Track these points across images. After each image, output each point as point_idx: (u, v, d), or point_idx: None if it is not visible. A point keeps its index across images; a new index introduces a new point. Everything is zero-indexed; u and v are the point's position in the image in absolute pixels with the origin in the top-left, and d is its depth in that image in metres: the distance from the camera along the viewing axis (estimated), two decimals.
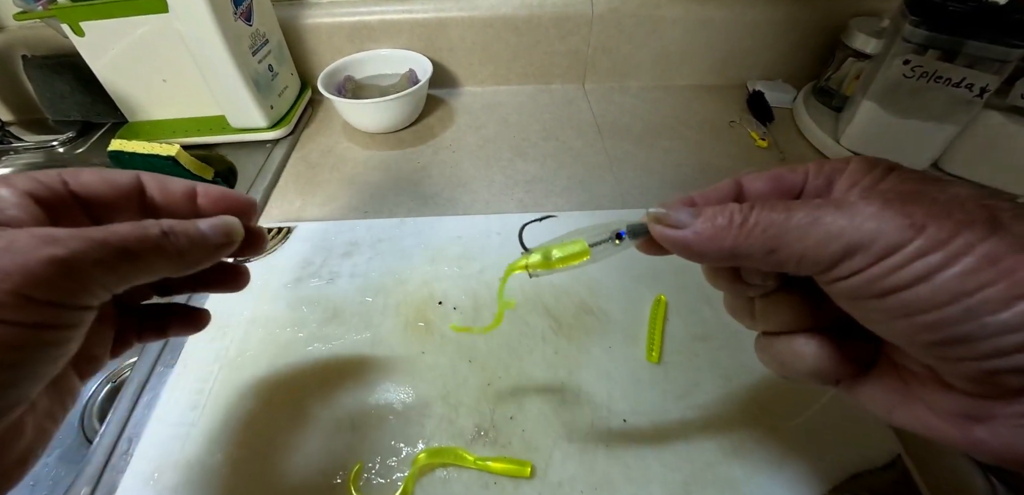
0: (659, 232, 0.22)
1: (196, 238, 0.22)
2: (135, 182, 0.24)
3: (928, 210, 0.17)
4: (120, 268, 0.20)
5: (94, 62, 0.64)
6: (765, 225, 0.19)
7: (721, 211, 0.20)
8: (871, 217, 0.17)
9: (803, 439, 0.36)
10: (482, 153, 0.65)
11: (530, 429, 0.36)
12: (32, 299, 0.17)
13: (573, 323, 0.43)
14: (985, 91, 0.52)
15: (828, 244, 0.18)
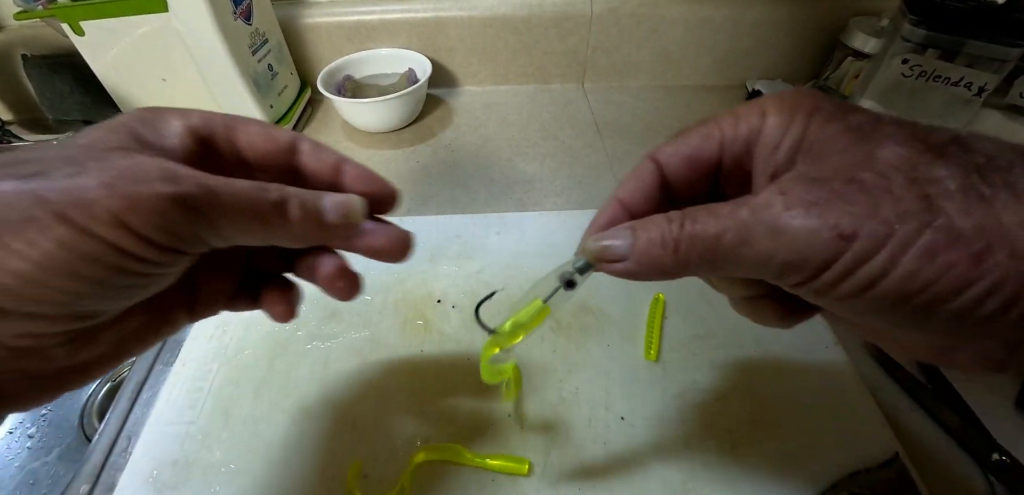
0: (605, 270, 0.21)
1: (311, 211, 0.21)
2: (292, 142, 0.24)
3: (855, 208, 0.15)
4: (222, 227, 0.19)
5: (94, 62, 0.64)
6: (700, 249, 0.18)
7: (654, 232, 0.19)
8: (797, 234, 0.16)
9: (802, 437, 0.36)
10: (481, 153, 0.65)
11: (528, 427, 0.36)
12: (127, 227, 0.16)
13: (572, 322, 0.43)
14: (984, 90, 0.52)
15: (764, 264, 0.17)
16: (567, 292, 0.23)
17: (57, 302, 0.17)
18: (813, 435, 0.36)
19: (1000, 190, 0.15)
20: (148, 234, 0.17)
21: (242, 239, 0.20)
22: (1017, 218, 0.14)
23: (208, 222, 0.18)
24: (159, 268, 0.18)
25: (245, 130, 0.23)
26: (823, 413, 0.37)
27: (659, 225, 0.19)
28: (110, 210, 0.16)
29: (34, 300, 0.16)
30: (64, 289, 0.16)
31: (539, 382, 0.39)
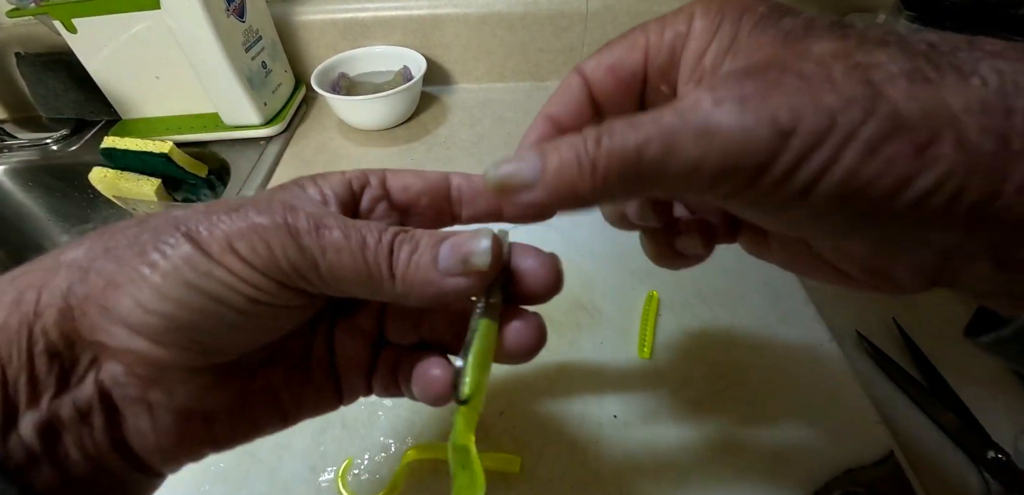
0: (508, 209, 0.18)
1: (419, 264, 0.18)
2: (444, 178, 0.23)
3: (793, 101, 0.13)
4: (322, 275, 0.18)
5: (87, 59, 0.64)
6: (620, 167, 0.15)
7: (566, 155, 0.16)
8: (730, 133, 0.14)
9: (796, 435, 0.35)
10: (476, 150, 0.64)
11: (520, 425, 0.36)
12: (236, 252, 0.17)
13: (564, 319, 0.42)
14: None
15: (694, 175, 0.15)
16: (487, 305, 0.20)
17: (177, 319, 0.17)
18: (807, 432, 0.35)
19: (947, 71, 0.13)
20: (251, 260, 0.17)
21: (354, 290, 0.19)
22: (963, 101, 0.13)
23: (313, 265, 0.18)
24: (264, 296, 0.18)
25: (397, 175, 0.23)
26: (817, 410, 0.36)
27: (572, 144, 0.16)
28: (225, 233, 0.17)
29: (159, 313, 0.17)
30: (182, 301, 0.17)
31: (531, 379, 0.38)
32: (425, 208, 0.23)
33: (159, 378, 0.18)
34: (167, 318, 0.17)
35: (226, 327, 0.18)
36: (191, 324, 0.17)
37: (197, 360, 0.18)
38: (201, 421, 0.20)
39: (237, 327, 0.18)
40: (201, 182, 0.63)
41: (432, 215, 0.23)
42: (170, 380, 0.18)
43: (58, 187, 0.71)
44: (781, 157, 0.14)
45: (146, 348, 0.17)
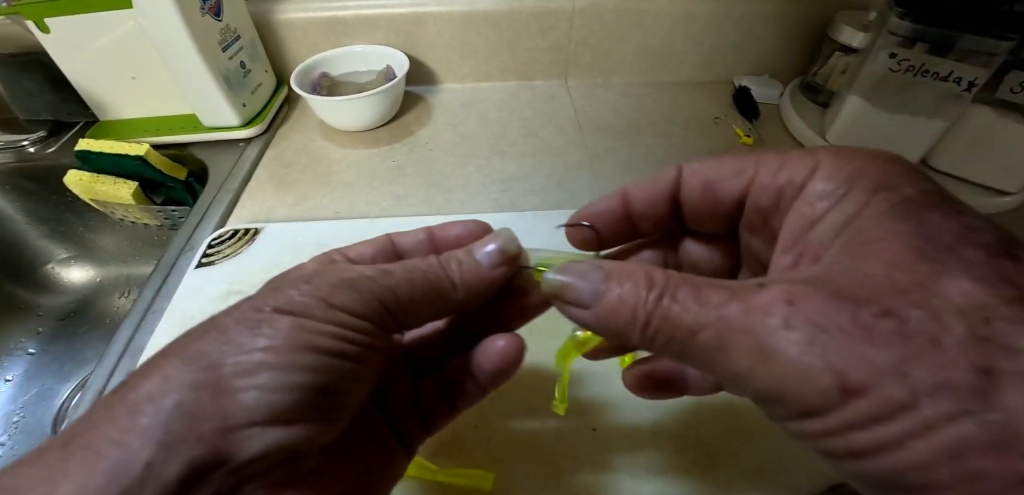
0: (561, 307, 0.19)
1: (470, 267, 0.22)
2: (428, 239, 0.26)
3: (877, 356, 0.11)
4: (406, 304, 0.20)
5: (61, 60, 0.62)
6: (668, 337, 0.15)
7: (628, 294, 0.16)
8: (785, 365, 0.12)
9: (780, 448, 0.34)
10: (459, 151, 0.63)
11: (494, 438, 0.35)
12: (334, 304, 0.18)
13: (543, 327, 0.41)
14: (974, 85, 0.51)
15: (739, 383, 0.14)
16: None
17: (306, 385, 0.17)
18: (792, 446, 0.34)
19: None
20: (352, 307, 0.18)
21: (424, 311, 0.21)
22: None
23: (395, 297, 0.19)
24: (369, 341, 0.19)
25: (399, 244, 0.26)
26: None
27: (636, 289, 0.16)
28: (317, 295, 0.18)
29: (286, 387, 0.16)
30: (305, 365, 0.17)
31: (506, 390, 0.37)
32: None
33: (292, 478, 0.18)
34: (296, 388, 0.16)
35: (349, 379, 0.18)
36: (320, 386, 0.17)
37: (329, 429, 0.18)
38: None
39: (353, 376, 0.18)
40: (179, 185, 0.62)
41: None
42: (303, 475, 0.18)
43: (35, 190, 0.69)
44: (834, 414, 0.12)
45: (283, 435, 0.16)
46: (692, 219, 0.21)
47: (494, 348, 0.24)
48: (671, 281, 0.15)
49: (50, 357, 0.67)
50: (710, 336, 0.14)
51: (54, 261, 0.73)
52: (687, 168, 0.20)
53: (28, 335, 0.69)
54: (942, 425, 0.11)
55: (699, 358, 0.14)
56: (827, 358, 0.12)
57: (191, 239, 0.52)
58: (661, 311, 0.15)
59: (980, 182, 0.57)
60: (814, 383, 0.12)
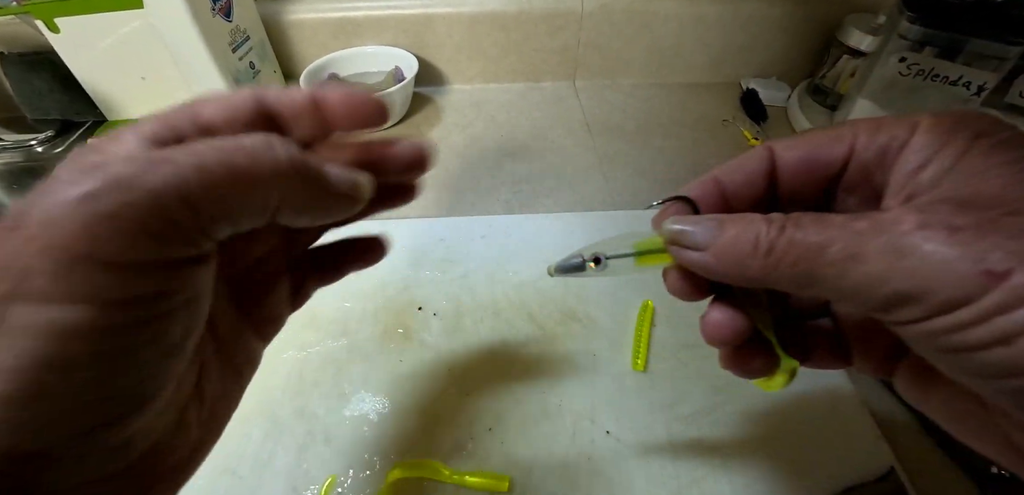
0: (677, 253, 0.19)
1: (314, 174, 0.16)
2: (252, 102, 0.17)
3: (1015, 246, 0.12)
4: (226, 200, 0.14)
5: (71, 60, 0.62)
6: (795, 257, 0.15)
7: (746, 230, 0.16)
8: (927, 259, 0.13)
9: (795, 452, 0.34)
10: (468, 153, 0.63)
11: (510, 442, 0.35)
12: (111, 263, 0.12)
13: (557, 330, 0.41)
14: (983, 89, 0.51)
15: (871, 289, 0.14)
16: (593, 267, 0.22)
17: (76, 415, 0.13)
18: (806, 449, 0.34)
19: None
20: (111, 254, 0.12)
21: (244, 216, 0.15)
22: None
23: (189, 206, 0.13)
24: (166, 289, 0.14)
25: (204, 114, 0.16)
26: (816, 426, 0.35)
27: (755, 224, 0.16)
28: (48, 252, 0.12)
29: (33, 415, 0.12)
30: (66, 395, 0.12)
31: (521, 393, 0.37)
32: None
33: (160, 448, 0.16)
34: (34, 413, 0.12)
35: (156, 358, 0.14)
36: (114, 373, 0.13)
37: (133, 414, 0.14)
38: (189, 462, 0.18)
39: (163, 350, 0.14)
40: None
41: None
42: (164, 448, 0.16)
43: None
44: (982, 300, 0.12)
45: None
46: (788, 191, 0.20)
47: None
48: (792, 215, 0.16)
49: None
50: (841, 248, 0.14)
51: None
52: (779, 145, 0.20)
53: None
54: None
55: (827, 273, 0.15)
56: (967, 248, 0.12)
57: None
58: (786, 237, 0.15)
59: None
60: (958, 270, 0.12)
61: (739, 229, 0.17)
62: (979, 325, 0.12)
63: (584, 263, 0.22)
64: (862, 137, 0.17)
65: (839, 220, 0.15)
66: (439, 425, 0.36)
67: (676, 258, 0.19)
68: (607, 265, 0.22)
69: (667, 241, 0.19)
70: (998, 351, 0.12)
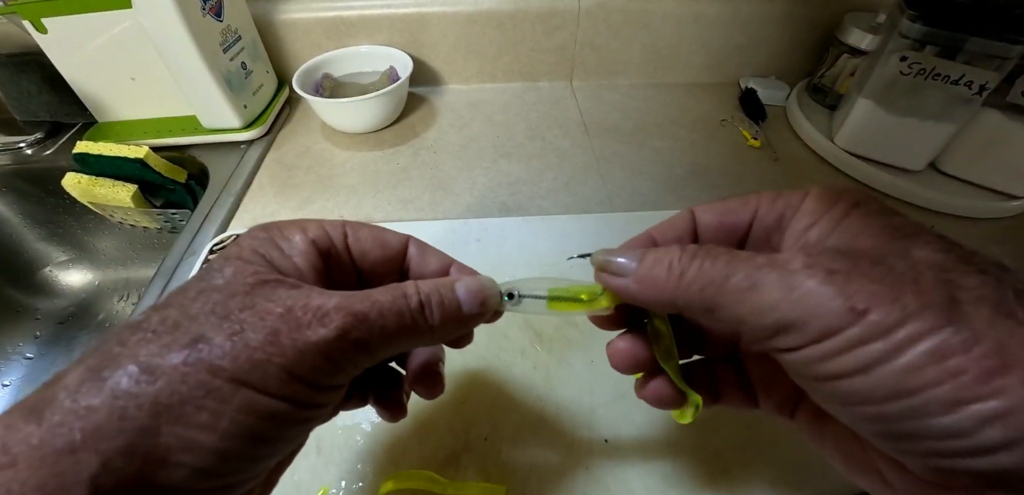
0: (602, 279, 0.22)
1: (451, 308, 0.21)
2: (403, 246, 0.24)
3: (875, 289, 0.15)
4: (376, 350, 0.19)
5: (59, 60, 0.61)
6: (703, 283, 0.18)
7: (662, 258, 0.19)
8: (807, 294, 0.15)
9: (795, 460, 0.34)
10: (465, 154, 0.62)
11: (506, 450, 0.34)
12: (299, 378, 0.17)
13: (554, 335, 0.41)
14: (984, 89, 0.50)
15: (762, 315, 0.16)
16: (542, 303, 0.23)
17: (242, 467, 0.17)
18: (807, 456, 0.34)
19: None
20: (317, 380, 0.18)
21: (389, 353, 0.20)
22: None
23: (365, 348, 0.19)
24: (326, 403, 0.19)
25: (357, 237, 0.23)
26: None
27: (671, 251, 0.19)
28: (282, 367, 0.16)
29: (221, 473, 0.16)
30: (248, 454, 0.17)
31: (519, 401, 0.37)
32: (380, 273, 0.24)
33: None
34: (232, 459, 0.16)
35: (295, 438, 0.19)
36: (260, 455, 0.17)
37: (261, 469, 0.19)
38: None
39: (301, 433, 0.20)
40: (179, 188, 0.61)
41: (384, 276, 0.24)
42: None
43: (32, 192, 0.68)
44: (846, 331, 0.15)
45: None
46: None
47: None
48: (705, 247, 0.19)
49: (48, 361, 0.66)
50: (742, 278, 0.17)
51: (52, 264, 0.72)
52: (699, 209, 0.23)
53: (26, 339, 0.68)
54: (927, 335, 0.14)
55: (729, 300, 0.17)
56: (838, 288, 0.15)
57: (193, 243, 0.51)
58: (696, 264, 0.18)
59: (988, 186, 0.56)
60: (830, 305, 0.15)
61: (657, 255, 0.20)
62: (844, 354, 0.15)
63: (500, 296, 0.23)
64: (764, 204, 0.21)
65: (744, 256, 0.18)
66: (433, 434, 0.35)
67: (602, 283, 0.22)
68: (521, 302, 0.23)
69: (596, 268, 0.22)
70: (858, 379, 0.15)
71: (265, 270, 0.19)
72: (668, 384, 0.24)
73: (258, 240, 0.21)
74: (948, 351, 0.13)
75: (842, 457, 0.20)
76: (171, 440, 0.15)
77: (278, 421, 0.17)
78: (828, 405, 0.18)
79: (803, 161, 0.63)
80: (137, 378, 0.15)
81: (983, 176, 0.56)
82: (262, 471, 0.19)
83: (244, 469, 0.17)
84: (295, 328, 0.17)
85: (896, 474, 0.18)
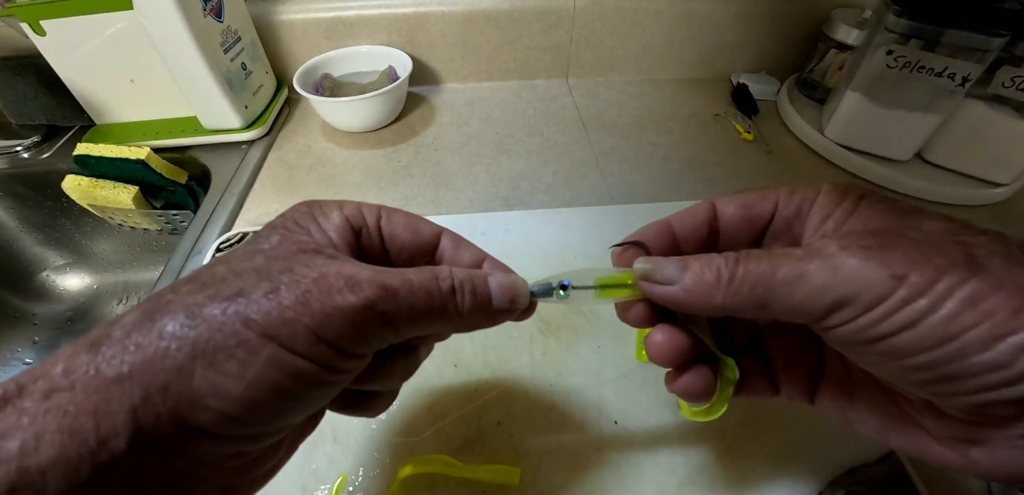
0: (647, 288, 0.22)
1: (482, 299, 0.22)
2: (436, 237, 0.25)
3: (907, 256, 0.17)
4: (403, 326, 0.20)
5: (57, 63, 0.61)
6: (752, 282, 0.19)
7: (708, 266, 0.20)
8: (854, 270, 0.17)
9: (798, 435, 0.35)
10: (465, 151, 0.63)
11: (518, 435, 0.35)
12: (326, 341, 0.18)
13: (562, 323, 0.42)
14: (967, 80, 0.52)
15: (816, 299, 0.18)
16: (557, 296, 0.24)
17: (265, 419, 0.18)
18: (809, 432, 0.35)
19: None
20: (342, 345, 0.18)
21: (415, 332, 0.21)
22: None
23: (391, 323, 0.19)
24: (349, 370, 0.20)
25: (390, 221, 0.24)
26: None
27: (715, 261, 0.20)
28: (309, 328, 0.17)
29: (246, 421, 0.17)
30: (272, 407, 0.17)
31: (529, 387, 0.38)
32: (411, 259, 0.25)
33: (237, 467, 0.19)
34: (260, 410, 0.17)
35: (320, 398, 0.20)
36: (287, 409, 0.18)
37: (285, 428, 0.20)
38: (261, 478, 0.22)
39: (326, 395, 0.20)
40: (180, 189, 0.61)
41: (414, 264, 0.24)
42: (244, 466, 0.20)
43: (29, 196, 0.68)
44: (893, 295, 0.17)
45: (232, 449, 0.18)
46: (728, 239, 0.24)
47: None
48: (743, 252, 0.20)
49: None
50: (788, 270, 0.18)
51: (50, 268, 0.71)
52: (720, 200, 0.24)
53: (24, 344, 0.67)
54: (959, 286, 0.16)
55: (781, 293, 0.19)
56: (879, 262, 0.17)
57: (198, 243, 0.52)
58: (742, 268, 0.20)
59: (973, 174, 0.58)
60: (875, 276, 0.17)
61: (702, 265, 0.21)
62: (892, 316, 0.17)
63: (552, 289, 0.24)
64: (783, 197, 0.23)
65: (779, 252, 0.19)
66: (447, 421, 0.36)
67: (646, 293, 0.23)
68: (572, 293, 0.24)
69: (638, 278, 0.23)
70: (907, 334, 0.17)
71: (307, 239, 0.20)
72: (698, 377, 0.24)
73: (300, 213, 0.22)
74: (980, 296, 0.15)
75: (877, 420, 0.22)
76: (202, 384, 0.16)
77: (302, 380, 0.18)
78: (876, 366, 0.19)
79: (795, 153, 0.65)
80: (182, 322, 0.16)
81: (967, 165, 0.58)
82: (284, 428, 0.19)
83: (267, 421, 0.18)
84: (326, 293, 0.18)
85: (935, 421, 0.19)
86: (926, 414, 0.20)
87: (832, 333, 0.19)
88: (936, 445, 0.20)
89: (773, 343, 0.26)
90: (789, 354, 0.26)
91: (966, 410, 0.18)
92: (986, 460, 0.18)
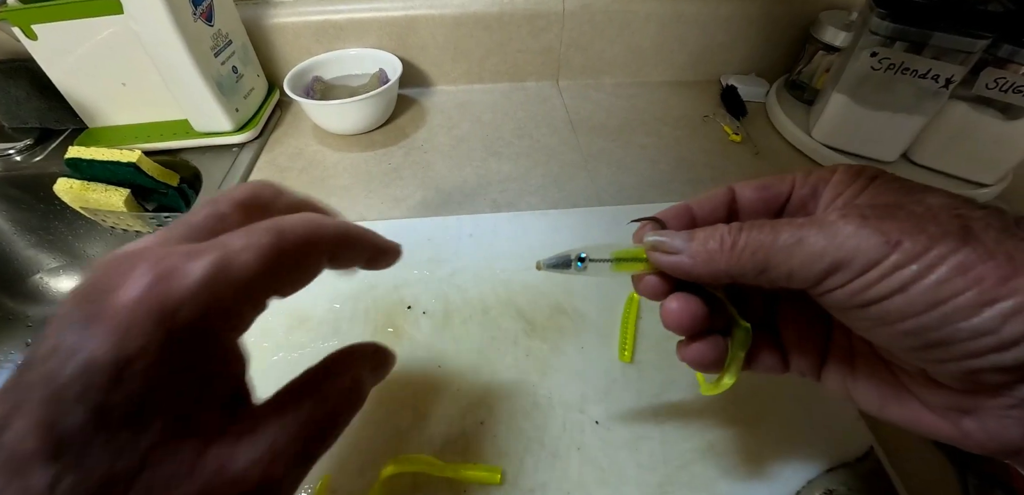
0: (656, 258, 0.24)
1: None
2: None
3: (903, 225, 0.18)
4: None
5: (49, 66, 0.61)
6: (754, 247, 0.20)
7: (712, 234, 0.22)
8: (850, 236, 0.18)
9: (778, 435, 0.35)
10: (455, 153, 0.64)
11: (501, 435, 0.35)
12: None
13: (547, 324, 0.42)
14: (951, 82, 0.53)
15: (813, 263, 0.19)
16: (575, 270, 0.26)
17: None
18: (789, 431, 0.36)
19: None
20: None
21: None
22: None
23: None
24: None
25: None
26: (797, 409, 0.37)
27: (719, 229, 0.22)
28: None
29: None
30: None
31: (511, 387, 0.38)
32: None
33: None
34: None
35: None
36: None
37: None
38: None
39: None
40: (172, 191, 0.62)
41: None
42: None
43: (23, 199, 0.68)
44: (886, 260, 0.17)
45: None
46: (746, 219, 0.24)
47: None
48: (746, 222, 0.21)
49: None
50: (788, 237, 0.20)
51: (43, 271, 0.72)
52: (738, 185, 0.26)
53: (17, 347, 0.67)
54: (950, 255, 0.17)
55: (780, 257, 0.20)
56: (875, 228, 0.18)
57: None
58: (745, 234, 0.21)
59: (958, 175, 0.59)
60: (869, 241, 0.18)
61: (706, 234, 0.22)
62: (884, 280, 0.18)
63: (570, 261, 0.25)
64: (799, 178, 0.24)
65: (783, 220, 0.20)
66: (431, 421, 0.36)
67: (655, 263, 0.24)
68: (589, 266, 0.25)
69: (648, 249, 0.24)
70: (898, 298, 0.17)
71: None
72: (709, 345, 0.25)
73: None
74: (969, 264, 0.16)
75: (876, 393, 0.23)
76: None
77: None
78: (869, 330, 0.20)
79: (783, 154, 0.65)
80: None
81: (953, 165, 0.59)
82: None
83: None
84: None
85: (930, 391, 0.20)
86: (922, 385, 0.21)
87: (828, 298, 0.20)
88: (930, 415, 0.21)
89: (786, 320, 0.27)
90: (800, 329, 0.26)
91: (957, 377, 0.18)
92: (977, 430, 0.19)
